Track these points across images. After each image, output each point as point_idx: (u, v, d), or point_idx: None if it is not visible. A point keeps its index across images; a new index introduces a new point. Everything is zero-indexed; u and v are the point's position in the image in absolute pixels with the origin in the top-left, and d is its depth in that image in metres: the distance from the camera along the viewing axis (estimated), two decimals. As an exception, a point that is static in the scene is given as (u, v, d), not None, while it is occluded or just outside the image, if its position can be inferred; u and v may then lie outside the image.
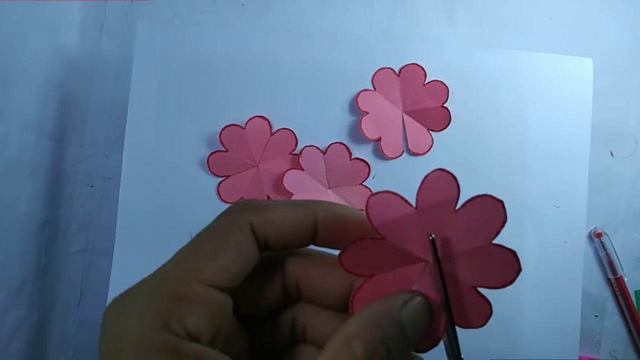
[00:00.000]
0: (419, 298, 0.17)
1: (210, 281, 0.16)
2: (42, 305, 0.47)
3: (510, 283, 0.17)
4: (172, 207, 0.42)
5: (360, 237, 0.17)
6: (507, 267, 0.17)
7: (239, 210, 0.17)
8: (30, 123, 0.45)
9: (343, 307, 0.19)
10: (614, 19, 0.52)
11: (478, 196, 0.16)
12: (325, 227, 0.18)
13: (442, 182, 0.17)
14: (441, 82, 0.43)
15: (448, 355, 0.17)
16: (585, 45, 0.52)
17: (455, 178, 0.16)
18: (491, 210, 0.16)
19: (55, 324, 0.48)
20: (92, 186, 0.50)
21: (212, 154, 0.42)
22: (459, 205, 0.17)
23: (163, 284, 0.16)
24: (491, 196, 0.16)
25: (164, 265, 0.16)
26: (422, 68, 0.43)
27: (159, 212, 0.42)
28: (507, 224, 0.16)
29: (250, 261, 0.17)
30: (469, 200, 0.16)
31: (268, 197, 0.42)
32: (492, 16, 0.52)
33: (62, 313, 0.49)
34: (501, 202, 0.16)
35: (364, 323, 0.16)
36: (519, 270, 0.17)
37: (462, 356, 0.17)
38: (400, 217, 0.17)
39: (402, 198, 0.17)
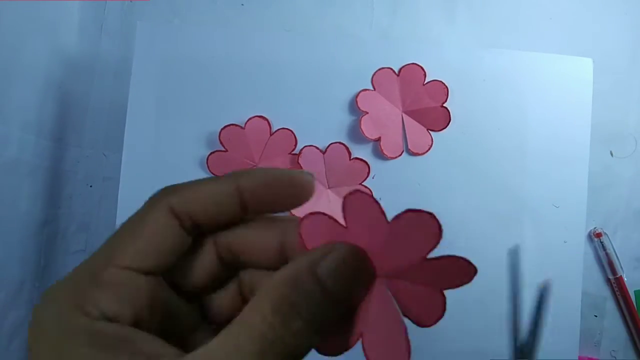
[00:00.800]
0: (345, 247, 0.16)
1: (127, 264, 0.16)
2: (42, 305, 0.47)
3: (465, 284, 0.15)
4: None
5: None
6: (461, 274, 0.15)
7: (157, 195, 0.18)
8: (30, 123, 0.45)
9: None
10: (613, 19, 0.52)
11: (408, 211, 0.15)
12: (253, 194, 0.17)
13: (365, 204, 0.15)
14: (441, 82, 0.43)
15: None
16: (585, 45, 0.52)
17: (376, 202, 0.15)
18: (424, 225, 0.15)
19: (54, 324, 0.48)
20: (91, 186, 0.50)
21: (211, 153, 0.42)
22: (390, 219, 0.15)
23: (82, 271, 0.16)
24: (423, 212, 0.15)
25: (89, 256, 0.17)
26: (422, 68, 0.43)
27: (158, 212, 0.42)
28: (507, 224, 0.16)
29: (174, 242, 0.17)
30: (399, 215, 0.15)
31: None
32: (492, 16, 0.52)
33: (62, 313, 0.49)
34: (434, 217, 0.15)
35: (276, 280, 0.15)
36: (474, 274, 0.15)
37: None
38: (331, 237, 0.16)
39: (331, 218, 0.16)
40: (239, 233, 0.18)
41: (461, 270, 0.15)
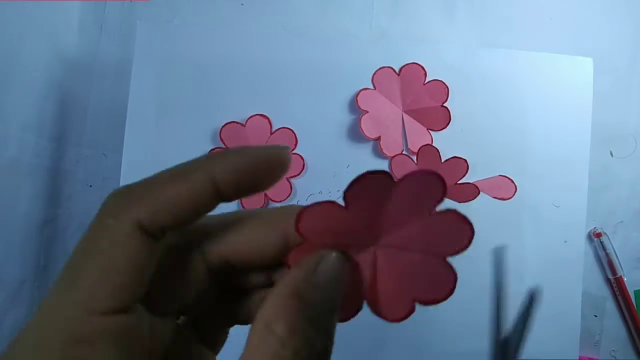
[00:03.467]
0: (333, 254, 0.15)
1: (108, 308, 0.13)
2: (42, 305, 0.47)
3: (464, 249, 0.16)
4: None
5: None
6: (460, 234, 0.16)
7: (117, 206, 0.14)
8: (30, 123, 0.45)
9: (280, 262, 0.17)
10: (613, 19, 0.52)
11: (409, 174, 0.15)
12: (229, 181, 0.15)
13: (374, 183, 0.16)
14: (441, 81, 0.43)
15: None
16: (585, 45, 0.52)
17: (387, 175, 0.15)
18: (428, 184, 0.15)
19: (54, 324, 0.48)
20: (91, 186, 0.50)
21: (212, 150, 0.42)
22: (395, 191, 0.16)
23: (52, 330, 0.13)
24: (426, 171, 0.15)
25: (46, 301, 0.14)
26: (423, 67, 0.43)
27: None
28: (507, 224, 0.16)
29: (148, 265, 0.14)
30: (401, 179, 0.15)
31: (266, 197, 0.42)
32: (491, 16, 0.52)
33: (62, 313, 0.49)
34: (438, 175, 0.15)
35: (281, 299, 0.14)
36: (472, 235, 0.16)
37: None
38: (375, 197, 0.16)
39: (330, 204, 0.16)
40: (229, 239, 0.17)
41: (458, 229, 0.16)
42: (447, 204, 0.16)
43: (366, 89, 0.43)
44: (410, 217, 0.16)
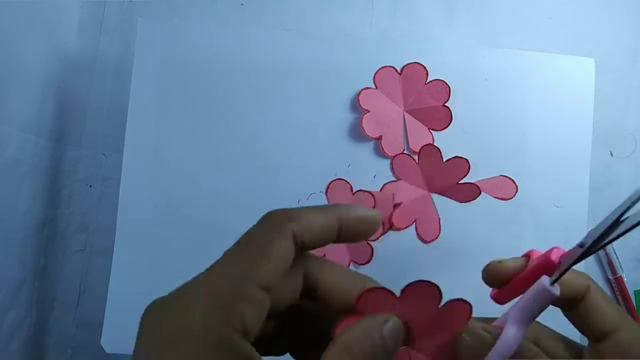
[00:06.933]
0: (395, 318, 0.19)
1: (263, 283, 0.17)
2: (41, 305, 0.47)
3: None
4: (172, 207, 0.42)
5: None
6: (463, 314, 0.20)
7: (279, 219, 0.19)
8: (29, 122, 0.44)
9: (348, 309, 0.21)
10: (613, 19, 0.52)
11: (451, 301, 0.20)
12: (348, 227, 0.20)
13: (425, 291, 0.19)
14: (443, 81, 0.43)
15: None
16: (585, 45, 0.52)
17: (437, 288, 0.19)
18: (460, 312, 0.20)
19: (54, 324, 0.48)
20: (91, 186, 0.50)
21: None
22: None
23: (222, 284, 0.17)
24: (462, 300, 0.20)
25: (214, 267, 0.18)
26: (424, 67, 0.43)
27: (158, 212, 0.42)
28: (508, 224, 0.17)
29: (288, 264, 0.19)
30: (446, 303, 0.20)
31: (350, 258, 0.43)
32: (491, 16, 0.52)
33: (61, 313, 0.49)
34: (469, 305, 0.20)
35: (359, 334, 0.18)
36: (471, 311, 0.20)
37: None
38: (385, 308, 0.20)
39: (388, 292, 0.19)
40: (326, 270, 0.21)
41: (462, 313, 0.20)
42: (448, 202, 0.17)
43: (368, 88, 0.43)
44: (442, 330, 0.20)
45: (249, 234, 0.19)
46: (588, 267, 0.48)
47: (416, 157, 0.43)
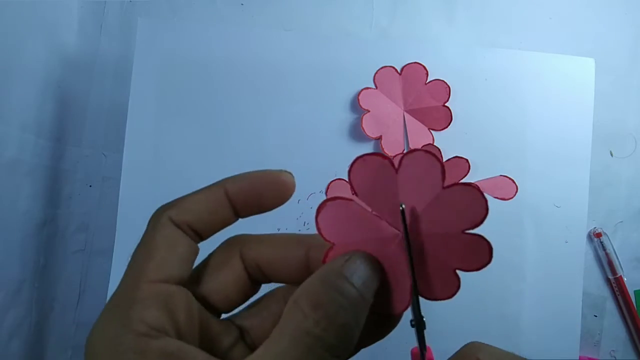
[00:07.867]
0: (359, 253, 0.17)
1: (154, 278, 0.17)
2: (41, 305, 0.47)
3: (479, 269, 0.17)
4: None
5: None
6: (480, 254, 0.17)
7: (158, 210, 0.19)
8: (29, 123, 0.44)
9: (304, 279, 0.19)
10: (613, 19, 0.52)
11: (464, 183, 0.16)
12: (240, 197, 0.19)
13: (425, 162, 0.17)
14: (443, 81, 0.43)
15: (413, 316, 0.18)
16: (585, 45, 0.52)
17: (438, 160, 0.16)
18: (473, 201, 0.16)
19: (54, 324, 0.48)
20: (91, 186, 0.50)
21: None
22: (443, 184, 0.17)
23: (118, 296, 0.17)
24: (476, 188, 0.16)
25: (118, 284, 0.18)
26: (424, 67, 0.43)
27: (158, 212, 0.42)
28: (508, 224, 0.17)
29: (185, 250, 0.18)
30: (453, 184, 0.16)
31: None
32: (491, 16, 0.52)
33: (61, 313, 0.49)
34: (484, 199, 0.16)
35: (308, 283, 0.16)
36: (489, 261, 0.17)
37: (423, 318, 0.17)
38: (380, 184, 0.17)
39: (391, 163, 0.17)
40: (262, 249, 0.20)
41: (472, 201, 0.16)
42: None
43: (368, 88, 0.43)
44: (421, 199, 0.17)
45: (143, 235, 0.19)
46: (588, 267, 0.48)
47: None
